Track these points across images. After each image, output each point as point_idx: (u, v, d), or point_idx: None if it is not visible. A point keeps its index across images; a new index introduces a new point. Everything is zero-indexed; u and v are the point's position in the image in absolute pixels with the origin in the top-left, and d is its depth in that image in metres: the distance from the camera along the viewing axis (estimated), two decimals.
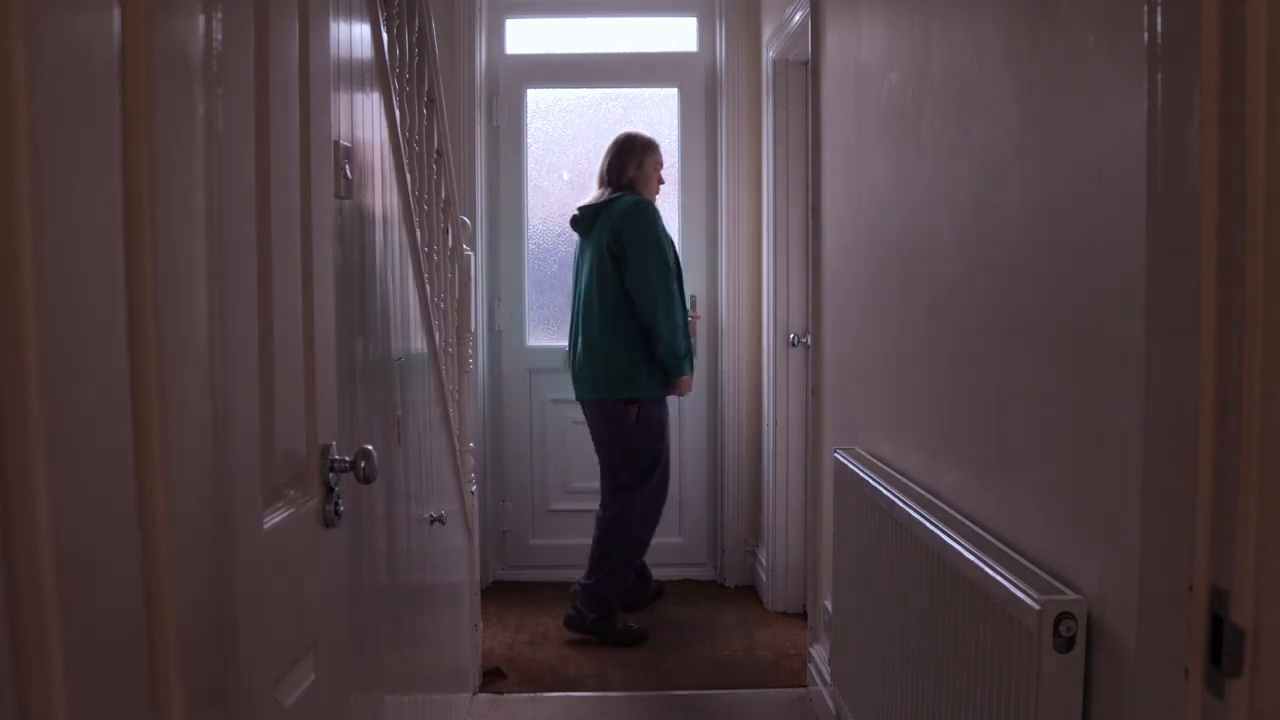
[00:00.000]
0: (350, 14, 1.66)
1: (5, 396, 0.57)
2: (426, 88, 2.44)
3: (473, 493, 3.05)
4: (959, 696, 1.54)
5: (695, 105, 4.10)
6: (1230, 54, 0.79)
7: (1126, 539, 1.16)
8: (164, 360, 0.74)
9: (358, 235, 1.68)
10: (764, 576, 3.86)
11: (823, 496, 2.83)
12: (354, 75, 1.68)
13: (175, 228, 0.77)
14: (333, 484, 1.22)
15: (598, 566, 3.44)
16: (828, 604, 2.68)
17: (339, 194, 1.52)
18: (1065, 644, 1.24)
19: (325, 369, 1.21)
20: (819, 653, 2.86)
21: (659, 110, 4.13)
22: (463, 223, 2.96)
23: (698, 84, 4.09)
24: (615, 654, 3.32)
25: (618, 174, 3.45)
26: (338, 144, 1.51)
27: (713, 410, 4.09)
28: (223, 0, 0.87)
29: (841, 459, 2.31)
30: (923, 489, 1.89)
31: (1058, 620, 1.24)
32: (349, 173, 1.59)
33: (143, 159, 0.72)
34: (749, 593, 3.98)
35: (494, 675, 3.14)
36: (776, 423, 3.72)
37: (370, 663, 1.71)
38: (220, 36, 0.87)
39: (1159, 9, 0.88)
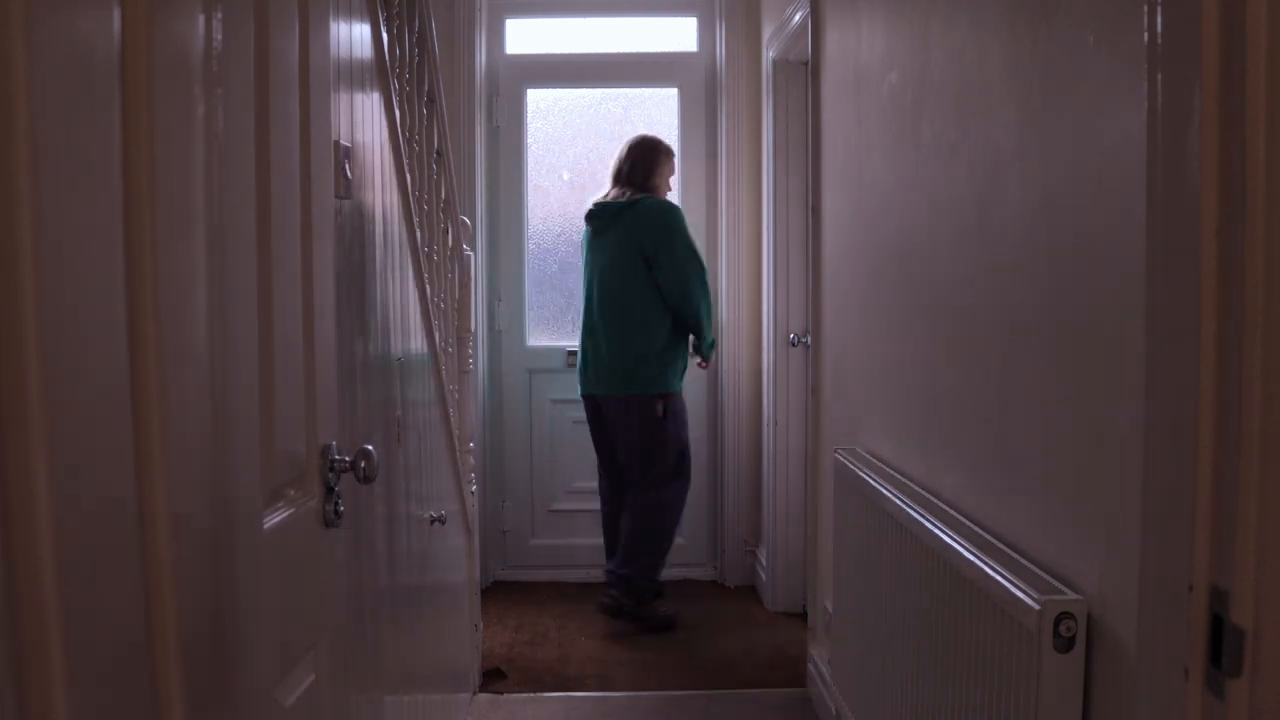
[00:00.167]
0: (350, 14, 1.66)
1: (5, 396, 0.57)
2: (426, 88, 2.44)
3: (473, 493, 3.05)
4: (959, 696, 1.54)
5: (695, 105, 4.10)
6: (1230, 54, 0.79)
7: (1126, 539, 1.16)
8: (164, 360, 0.74)
9: (358, 235, 1.68)
10: (764, 576, 3.86)
11: (823, 496, 2.83)
12: (354, 75, 1.68)
13: (175, 228, 0.77)
14: (333, 484, 1.22)
15: (634, 555, 3.51)
16: (828, 604, 2.68)
17: (339, 194, 1.52)
18: (1065, 644, 1.24)
19: (325, 369, 1.21)
20: (819, 653, 2.86)
21: (659, 110, 4.13)
22: (463, 223, 2.96)
23: (698, 84, 4.09)
24: (615, 654, 3.32)
25: (642, 176, 3.53)
26: (338, 144, 1.51)
27: (713, 410, 4.09)
28: (223, 0, 0.87)
29: (841, 459, 2.31)
30: (923, 489, 1.89)
31: (1058, 620, 1.24)
32: (349, 173, 1.59)
33: (143, 159, 0.72)
34: (749, 593, 3.98)
35: (494, 675, 3.14)
36: (776, 423, 3.72)
37: (370, 663, 1.71)
38: (220, 36, 0.87)
39: (1159, 9, 0.88)
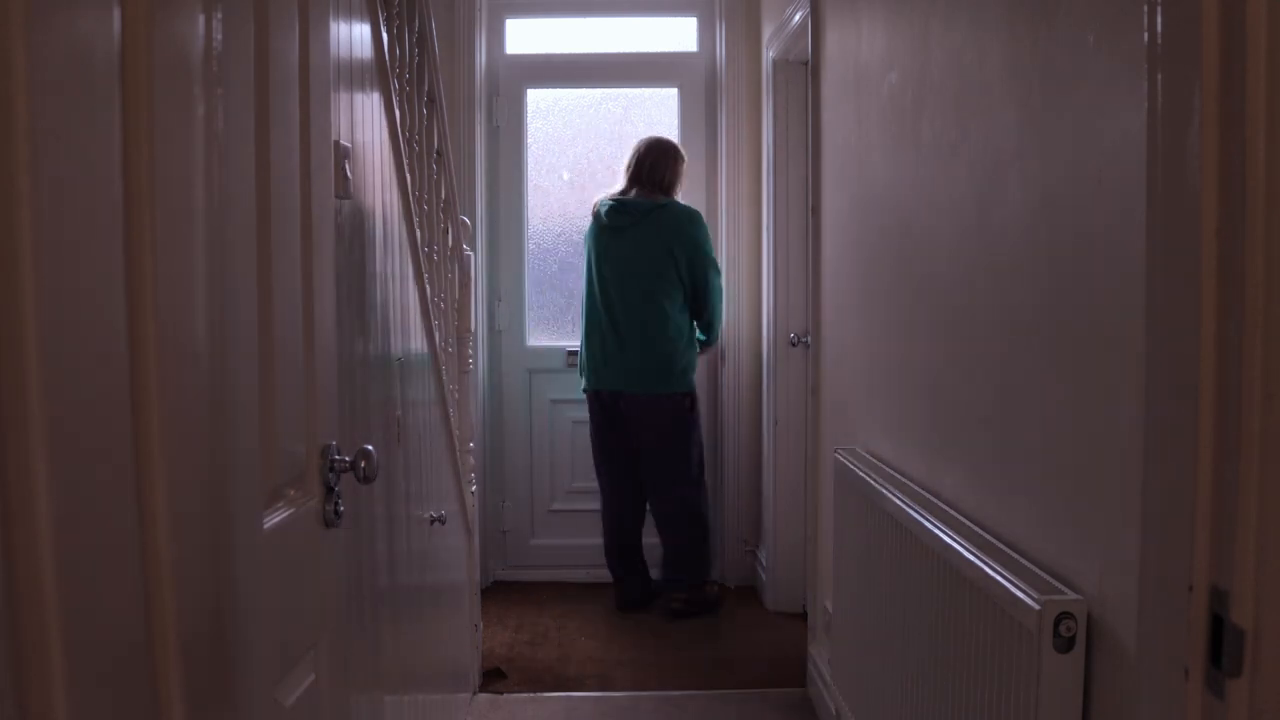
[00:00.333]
0: (350, 14, 1.66)
1: (5, 396, 0.57)
2: (426, 88, 2.44)
3: (473, 493, 3.05)
4: (959, 696, 1.54)
5: (695, 105, 4.10)
6: (1230, 54, 0.79)
7: (1126, 539, 1.16)
8: (164, 360, 0.74)
9: (358, 235, 1.68)
10: (764, 576, 3.86)
11: (823, 496, 2.83)
12: (354, 75, 1.68)
13: (175, 228, 0.77)
14: (333, 484, 1.22)
15: (683, 556, 3.66)
16: (828, 604, 2.68)
17: (339, 194, 1.52)
18: (1065, 644, 1.24)
19: (325, 369, 1.21)
20: (819, 653, 2.86)
21: (659, 110, 4.13)
22: (463, 223, 2.96)
23: (698, 84, 4.09)
24: (615, 654, 3.32)
25: (661, 177, 3.61)
26: (338, 144, 1.51)
27: (713, 410, 4.08)
28: (223, 0, 0.87)
29: (841, 459, 2.31)
30: (923, 489, 1.89)
31: (1058, 620, 1.24)
32: (349, 173, 1.59)
33: (143, 159, 0.72)
34: (749, 593, 3.98)
35: (494, 675, 3.14)
36: (777, 423, 3.72)
37: (370, 663, 1.71)
38: (220, 36, 0.87)
39: (1159, 9, 0.88)
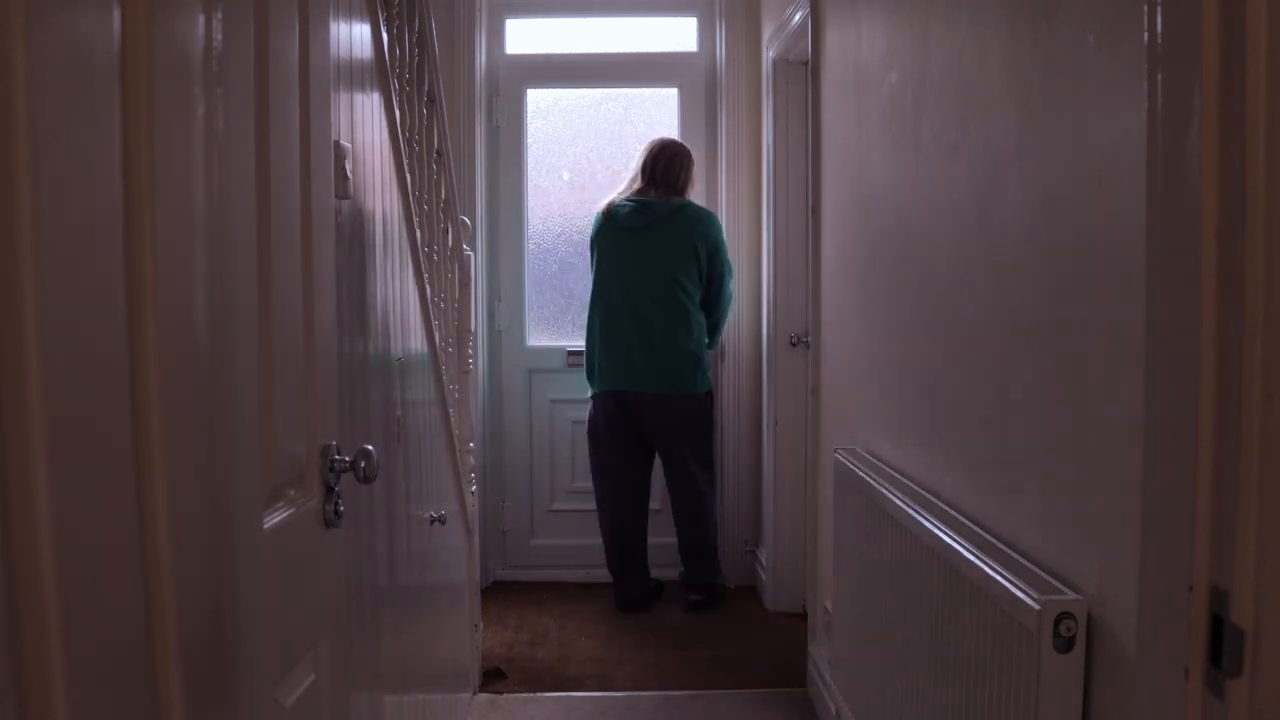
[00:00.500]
0: (350, 14, 1.66)
1: (5, 396, 0.57)
2: (426, 88, 2.44)
3: (473, 493, 3.05)
4: (959, 696, 1.54)
5: (695, 105, 4.10)
6: (1230, 54, 0.79)
7: (1126, 539, 1.16)
8: (164, 360, 0.74)
9: (358, 235, 1.68)
10: (764, 576, 3.86)
11: (822, 496, 2.83)
12: (354, 75, 1.68)
13: (175, 228, 0.77)
14: (333, 484, 1.22)
15: (700, 553, 3.72)
16: (828, 604, 2.68)
17: (339, 194, 1.52)
18: (1065, 644, 1.24)
19: (325, 369, 1.21)
20: (819, 653, 2.86)
21: (659, 110, 4.13)
22: (463, 223, 2.96)
23: (698, 84, 4.09)
24: (615, 654, 3.32)
25: (676, 178, 3.65)
26: (338, 144, 1.51)
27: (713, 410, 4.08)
28: (223, 0, 0.87)
29: (841, 459, 2.31)
30: (923, 489, 1.89)
31: (1058, 620, 1.24)
32: (349, 173, 1.59)
33: (143, 159, 0.72)
34: (749, 593, 3.98)
35: (494, 675, 3.14)
36: (777, 423, 3.72)
37: (370, 663, 1.71)
38: (220, 36, 0.87)
39: (1159, 9, 0.88)
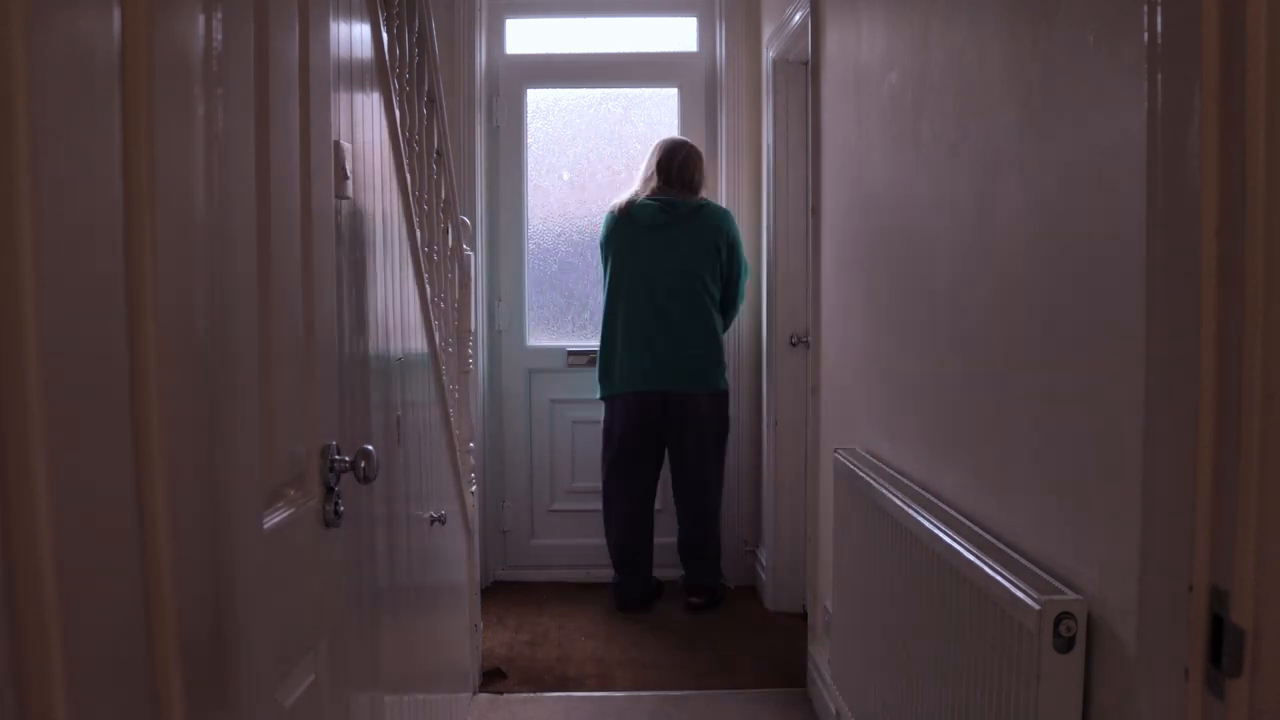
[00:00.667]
0: (350, 14, 1.66)
1: (5, 396, 0.57)
2: (426, 88, 2.44)
3: (473, 493, 3.05)
4: (959, 696, 1.54)
5: (695, 105, 4.09)
6: (1230, 54, 0.79)
7: (1126, 539, 1.16)
8: (164, 360, 0.74)
9: (358, 235, 1.68)
10: (764, 576, 3.86)
11: (822, 497, 2.83)
12: (354, 75, 1.68)
13: (175, 228, 0.77)
14: (333, 484, 1.22)
15: (705, 553, 3.73)
16: (828, 604, 2.68)
17: (339, 194, 1.52)
18: (1065, 644, 1.24)
19: (325, 369, 1.21)
20: (819, 653, 2.86)
21: (659, 110, 4.12)
22: (463, 223, 2.96)
23: (698, 84, 4.09)
24: (615, 654, 3.32)
25: (692, 177, 3.67)
26: (338, 144, 1.51)
27: None
28: (223, 0, 0.87)
29: (841, 459, 2.31)
30: (923, 489, 1.89)
31: (1058, 620, 1.24)
32: (349, 173, 1.59)
33: (143, 159, 0.72)
34: (749, 593, 3.98)
35: (494, 675, 3.14)
36: (777, 423, 3.72)
37: (370, 663, 1.71)
38: (220, 36, 0.87)
39: (1159, 9, 0.88)
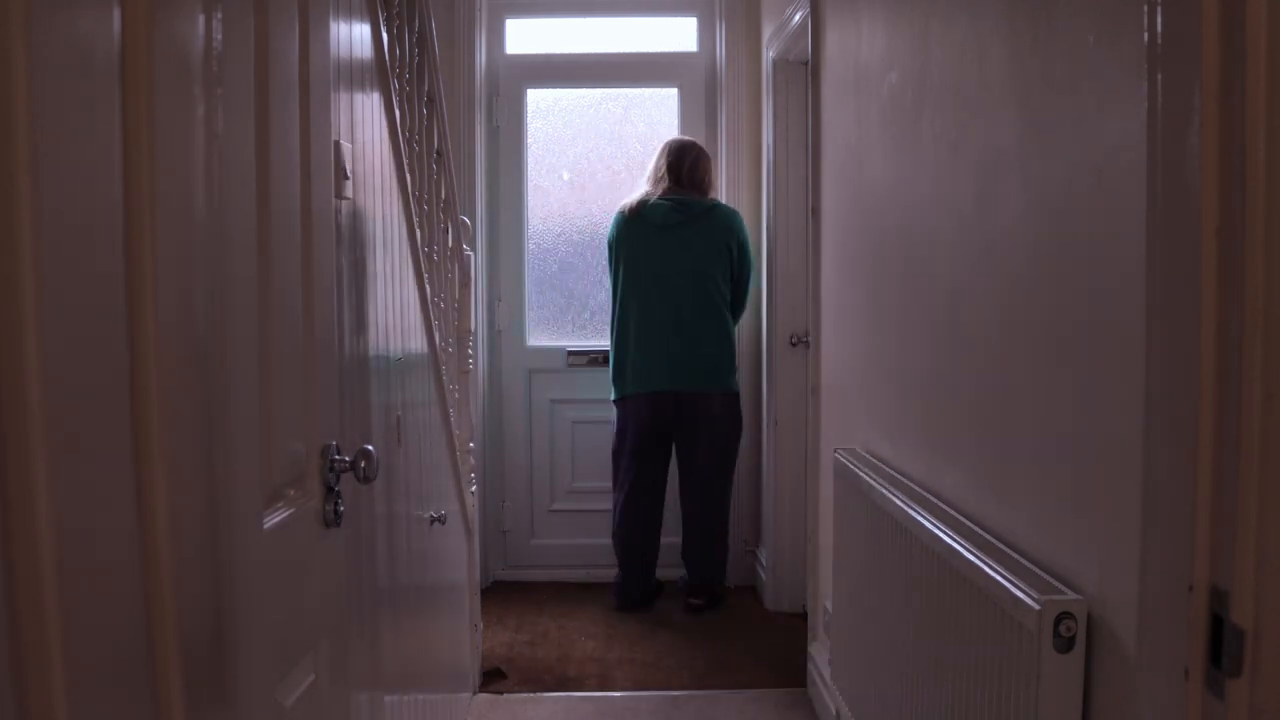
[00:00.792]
0: (350, 14, 1.66)
1: (5, 396, 0.57)
2: (426, 88, 2.44)
3: (473, 493, 3.05)
4: (959, 696, 1.54)
5: (695, 105, 4.09)
6: (1230, 54, 0.80)
7: (1126, 539, 1.16)
8: (164, 360, 0.74)
9: (358, 235, 1.68)
10: (764, 576, 3.86)
11: (822, 496, 2.83)
12: (354, 75, 1.68)
13: (175, 228, 0.77)
14: (333, 484, 1.22)
15: (711, 555, 3.72)
16: (828, 604, 2.68)
17: (339, 194, 1.52)
18: (1065, 644, 1.24)
19: (325, 369, 1.21)
20: (819, 653, 2.86)
21: (659, 110, 4.12)
22: (463, 223, 2.96)
23: (698, 84, 4.09)
24: (615, 654, 3.32)
25: (702, 178, 3.68)
26: (338, 144, 1.51)
27: None
28: (223, 0, 0.87)
29: (841, 459, 2.31)
30: (923, 489, 1.89)
31: (1058, 620, 1.24)
32: (349, 173, 1.59)
33: (143, 159, 0.72)
34: (749, 593, 3.98)
35: (494, 675, 3.14)
36: (776, 423, 3.72)
37: (370, 663, 1.71)
38: (220, 36, 0.87)
39: (1159, 9, 0.88)
